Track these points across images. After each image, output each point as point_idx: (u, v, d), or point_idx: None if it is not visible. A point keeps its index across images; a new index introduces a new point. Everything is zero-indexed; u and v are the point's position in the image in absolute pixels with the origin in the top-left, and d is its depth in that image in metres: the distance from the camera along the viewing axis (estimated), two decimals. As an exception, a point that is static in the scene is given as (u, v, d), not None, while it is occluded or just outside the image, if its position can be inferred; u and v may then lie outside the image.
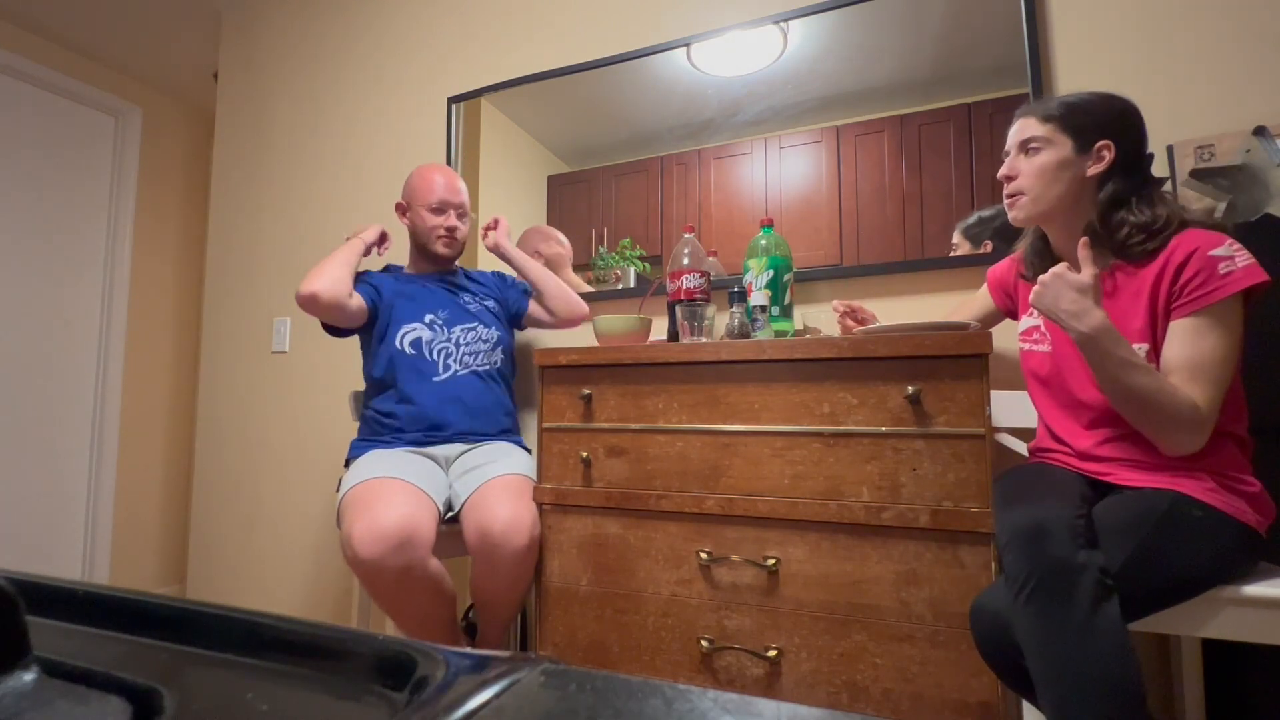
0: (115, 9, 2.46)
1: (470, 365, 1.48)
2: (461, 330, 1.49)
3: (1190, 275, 0.90)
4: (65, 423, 2.57)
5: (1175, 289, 0.92)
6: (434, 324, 1.48)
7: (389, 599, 1.16)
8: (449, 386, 1.44)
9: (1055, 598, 0.78)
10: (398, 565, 1.11)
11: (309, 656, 0.34)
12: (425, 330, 1.47)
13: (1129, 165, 0.99)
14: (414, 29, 2.13)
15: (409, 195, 1.55)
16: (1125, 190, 0.98)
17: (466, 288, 1.59)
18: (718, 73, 1.68)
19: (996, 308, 1.23)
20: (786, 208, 1.59)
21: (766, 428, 1.11)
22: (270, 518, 2.18)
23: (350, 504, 1.20)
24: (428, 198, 1.51)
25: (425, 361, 1.45)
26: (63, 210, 2.60)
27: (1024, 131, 1.04)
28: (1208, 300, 0.88)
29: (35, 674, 0.30)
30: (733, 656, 1.10)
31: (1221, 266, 0.88)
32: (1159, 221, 0.95)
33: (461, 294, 1.56)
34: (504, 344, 1.55)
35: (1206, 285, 0.89)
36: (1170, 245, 0.94)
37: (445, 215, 1.52)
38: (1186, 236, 0.93)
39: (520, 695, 0.27)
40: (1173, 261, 0.92)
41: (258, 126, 2.39)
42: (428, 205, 1.51)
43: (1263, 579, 0.88)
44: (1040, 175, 1.01)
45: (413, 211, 1.54)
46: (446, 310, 1.50)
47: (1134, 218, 0.96)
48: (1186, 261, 0.91)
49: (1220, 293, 0.88)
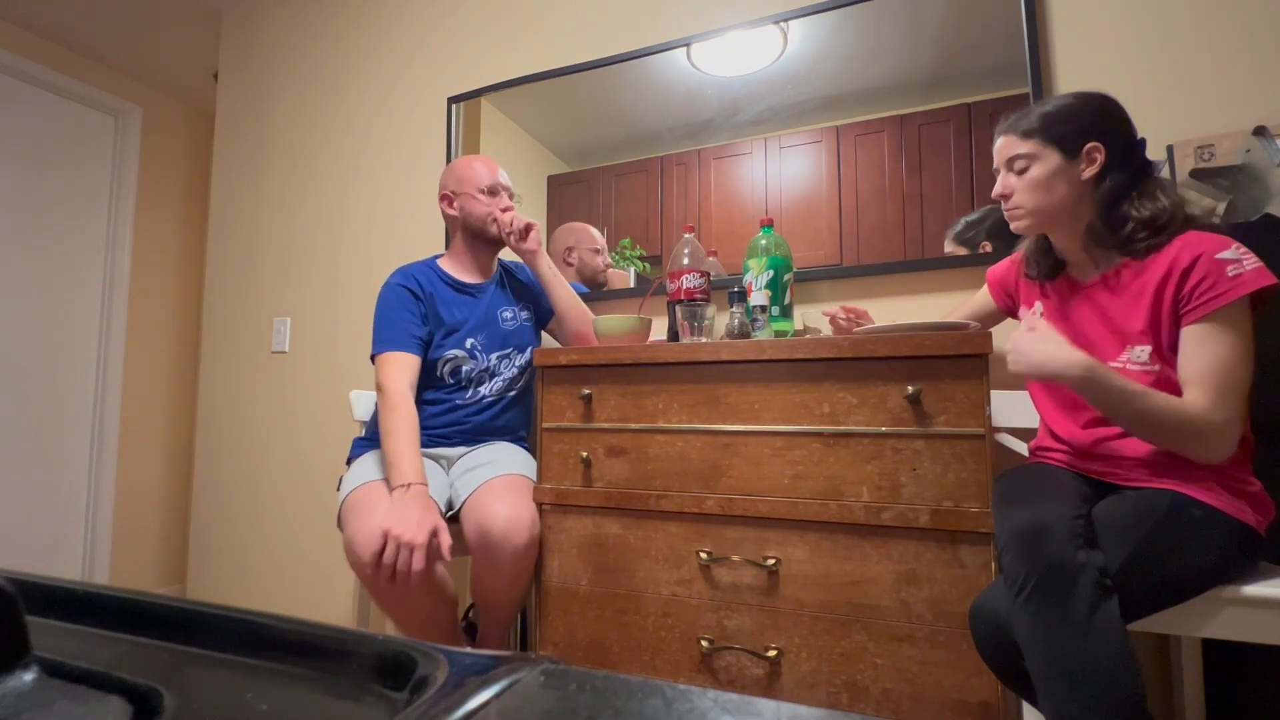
0: (115, 9, 2.45)
1: (499, 390, 1.46)
2: (498, 358, 1.46)
3: (1198, 279, 0.89)
4: (65, 423, 2.57)
5: (1183, 294, 0.91)
6: (474, 349, 1.45)
7: (390, 602, 1.16)
8: (473, 407, 1.44)
9: (1055, 598, 0.78)
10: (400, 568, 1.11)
11: (309, 656, 0.34)
12: (466, 359, 1.43)
13: (1122, 158, 0.98)
14: (414, 29, 2.13)
15: (456, 183, 1.48)
16: (1124, 184, 0.97)
17: (506, 294, 1.53)
18: (718, 73, 1.68)
19: (997, 307, 1.23)
20: (786, 208, 1.59)
21: (766, 428, 1.11)
22: (270, 518, 2.18)
23: (352, 507, 1.19)
24: (479, 181, 1.46)
25: (459, 387, 1.43)
26: (63, 210, 2.60)
27: (1008, 150, 1.03)
28: (1217, 304, 0.87)
29: (35, 674, 0.30)
30: (733, 656, 1.10)
31: (1229, 269, 0.88)
32: (1163, 215, 0.94)
33: (502, 307, 1.51)
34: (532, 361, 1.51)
35: (1215, 289, 0.88)
36: (1175, 245, 0.93)
37: (499, 197, 1.47)
38: (1191, 239, 0.92)
39: (520, 695, 0.27)
40: (1179, 265, 0.91)
41: (258, 126, 2.39)
42: (479, 188, 1.46)
43: (1263, 579, 0.88)
44: (1034, 189, 1.01)
45: (463, 198, 1.47)
46: (485, 333, 1.46)
47: (1137, 213, 0.96)
48: (1193, 266, 0.90)
49: (1229, 295, 0.87)
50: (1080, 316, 1.03)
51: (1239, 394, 0.88)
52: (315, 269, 2.20)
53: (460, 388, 1.43)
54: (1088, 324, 1.02)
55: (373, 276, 2.10)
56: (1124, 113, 1.00)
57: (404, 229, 2.06)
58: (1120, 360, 0.97)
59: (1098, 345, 1.00)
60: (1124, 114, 1.00)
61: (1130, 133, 1.00)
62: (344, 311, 2.13)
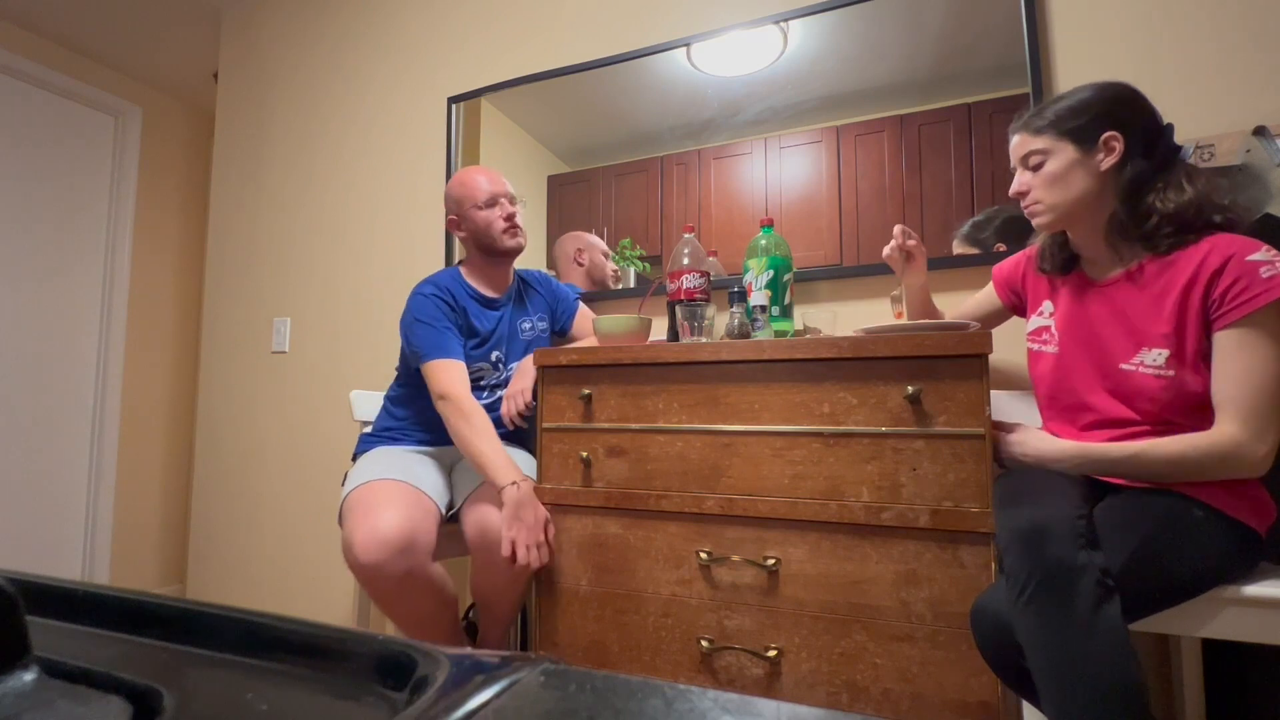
0: (115, 9, 2.45)
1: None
2: (515, 369, 1.47)
3: (1229, 282, 0.87)
4: (65, 422, 2.57)
5: (1213, 298, 0.88)
6: (499, 362, 1.46)
7: (390, 603, 1.16)
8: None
9: (1056, 598, 0.77)
10: (398, 571, 1.11)
11: (309, 656, 0.34)
12: (490, 370, 1.45)
13: (1146, 146, 0.95)
14: (414, 29, 2.13)
15: (455, 204, 1.47)
16: (1147, 172, 0.95)
17: (524, 305, 1.54)
18: (718, 73, 1.68)
19: (1003, 305, 1.21)
20: (786, 208, 1.59)
21: (766, 428, 1.11)
22: (270, 518, 2.18)
23: (352, 507, 1.19)
24: (475, 196, 1.44)
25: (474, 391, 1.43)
26: (63, 210, 2.60)
27: (1022, 147, 1.02)
28: (1252, 306, 0.85)
29: (35, 674, 0.30)
30: (733, 656, 1.10)
31: (1263, 270, 0.85)
32: (1189, 209, 0.91)
33: (521, 319, 1.51)
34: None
35: (1249, 290, 0.85)
36: (1204, 246, 0.90)
37: (499, 206, 1.45)
38: (1220, 241, 0.90)
39: (520, 695, 0.27)
40: (1207, 267, 0.89)
41: (258, 126, 2.39)
42: (477, 204, 1.43)
43: (1263, 579, 0.88)
44: (1051, 184, 0.99)
45: (465, 218, 1.45)
46: (508, 345, 1.47)
47: (1162, 205, 0.93)
48: (1223, 268, 0.87)
49: (1265, 298, 0.84)
50: (1094, 315, 1.01)
51: (1277, 413, 0.85)
52: (315, 269, 2.20)
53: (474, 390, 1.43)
54: (1101, 323, 1.00)
55: (373, 277, 2.10)
56: (1144, 100, 0.98)
57: (404, 229, 2.06)
58: (1133, 362, 0.95)
59: (1110, 345, 0.98)
60: (1144, 101, 0.97)
61: (1152, 120, 0.97)
62: (344, 311, 2.13)
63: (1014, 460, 1.02)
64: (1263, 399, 0.85)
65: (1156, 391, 0.92)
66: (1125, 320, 0.97)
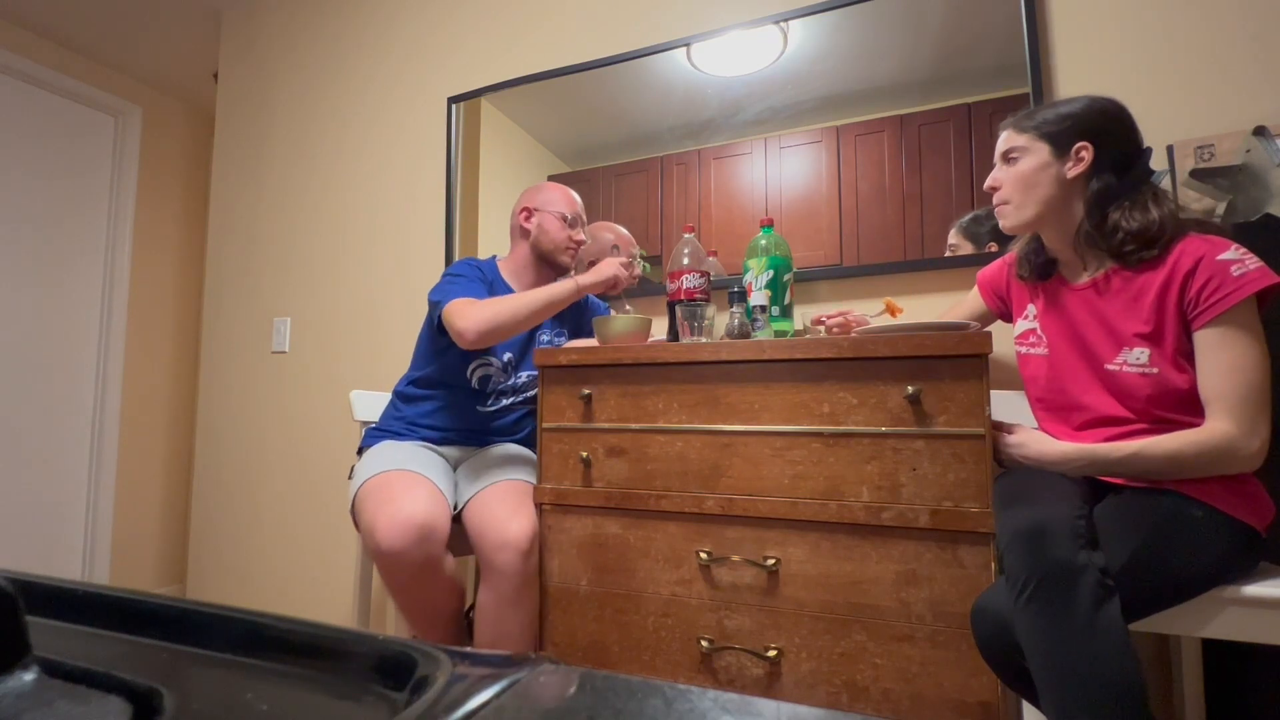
0: (115, 9, 2.45)
1: (518, 405, 1.47)
2: (527, 376, 1.46)
3: (1203, 282, 0.89)
4: (65, 422, 2.57)
5: (1188, 299, 0.90)
6: (509, 364, 1.45)
7: (407, 591, 1.16)
8: (491, 415, 1.44)
9: (1056, 598, 0.78)
10: (419, 557, 1.11)
11: (309, 656, 0.34)
12: (498, 371, 1.43)
13: (1116, 164, 0.98)
14: (414, 29, 2.12)
15: (541, 201, 1.47)
16: (1113, 190, 0.97)
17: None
18: (718, 73, 1.68)
19: (988, 309, 1.22)
20: (786, 208, 1.59)
21: (766, 428, 1.11)
22: (270, 518, 2.18)
23: (369, 495, 1.19)
24: (563, 208, 1.45)
25: (482, 395, 1.43)
26: (63, 210, 2.60)
27: (1005, 143, 1.05)
28: (1226, 304, 0.87)
29: (35, 674, 0.30)
30: (733, 656, 1.10)
31: (1234, 269, 0.87)
32: (1154, 227, 0.93)
33: (541, 329, 1.50)
34: None
35: (1222, 289, 0.87)
36: (1174, 252, 0.92)
37: (577, 229, 1.47)
38: (1190, 243, 0.92)
39: (520, 695, 0.27)
40: (1180, 269, 0.91)
41: (258, 126, 2.39)
42: (562, 215, 1.44)
43: (1263, 579, 0.88)
44: (1019, 182, 1.02)
45: (543, 215, 1.45)
46: (520, 350, 1.46)
47: (1126, 223, 0.95)
48: (1195, 269, 0.89)
49: (1237, 295, 0.86)
50: (1077, 317, 1.03)
51: (1265, 405, 0.87)
52: (315, 269, 2.20)
53: (483, 394, 1.43)
54: (1083, 324, 1.01)
55: (372, 277, 2.10)
56: (1129, 120, 0.99)
57: (404, 229, 2.06)
58: (1117, 362, 0.96)
59: (1095, 346, 0.99)
60: (1126, 121, 0.99)
61: (1130, 139, 0.99)
62: (344, 311, 2.13)
63: (1013, 462, 1.02)
64: (1250, 393, 0.87)
65: (1144, 389, 0.93)
66: (1104, 322, 0.99)
